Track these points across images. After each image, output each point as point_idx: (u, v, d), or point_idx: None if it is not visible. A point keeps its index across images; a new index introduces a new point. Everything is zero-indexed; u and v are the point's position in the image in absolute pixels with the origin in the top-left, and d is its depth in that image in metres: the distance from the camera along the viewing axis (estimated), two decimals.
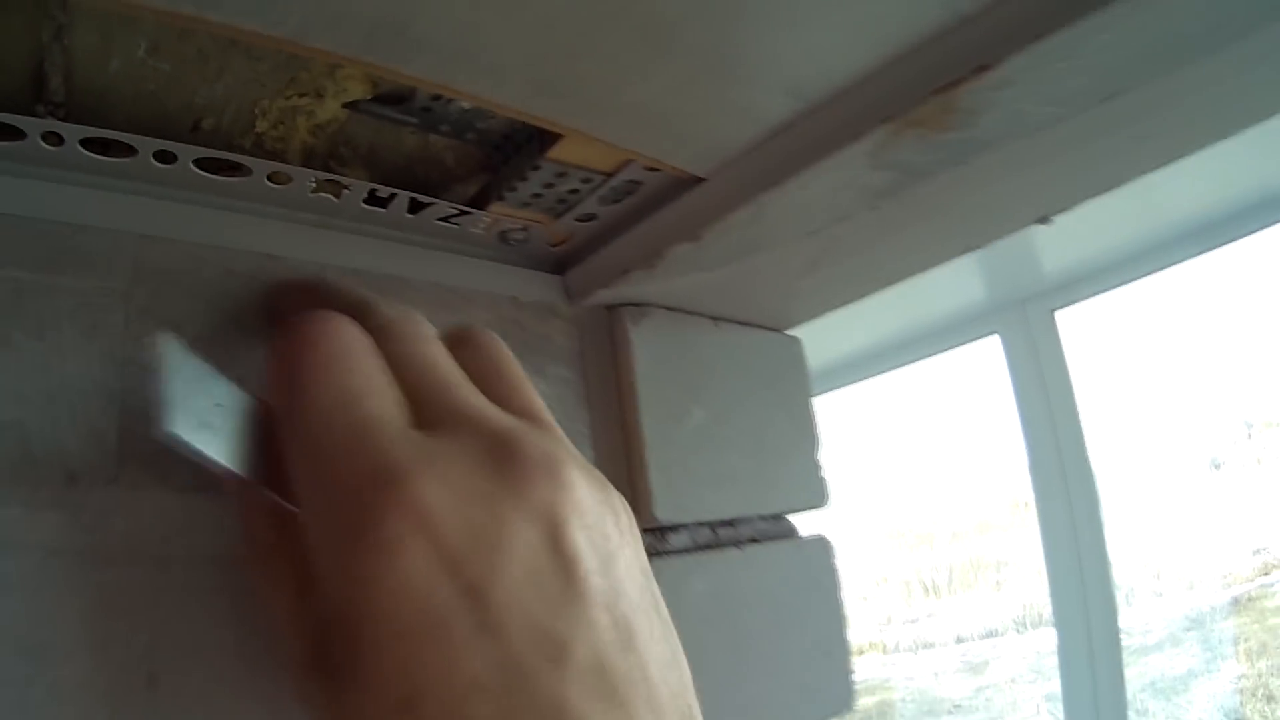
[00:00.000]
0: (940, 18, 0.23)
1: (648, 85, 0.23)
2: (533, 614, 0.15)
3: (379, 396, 0.17)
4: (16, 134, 0.24)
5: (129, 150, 0.26)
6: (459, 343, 0.21)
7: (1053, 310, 1.02)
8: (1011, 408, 1.03)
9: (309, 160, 0.29)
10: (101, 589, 0.22)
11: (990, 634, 1.47)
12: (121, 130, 0.25)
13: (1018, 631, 1.41)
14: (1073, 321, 1.00)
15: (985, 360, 1.06)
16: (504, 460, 0.17)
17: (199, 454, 0.18)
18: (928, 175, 0.28)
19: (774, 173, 0.27)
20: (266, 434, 0.19)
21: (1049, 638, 1.27)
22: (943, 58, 0.24)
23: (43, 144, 0.24)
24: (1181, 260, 0.90)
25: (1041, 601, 1.35)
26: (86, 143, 0.25)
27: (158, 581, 0.23)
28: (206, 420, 0.18)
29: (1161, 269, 0.93)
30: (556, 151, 0.26)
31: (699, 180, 0.28)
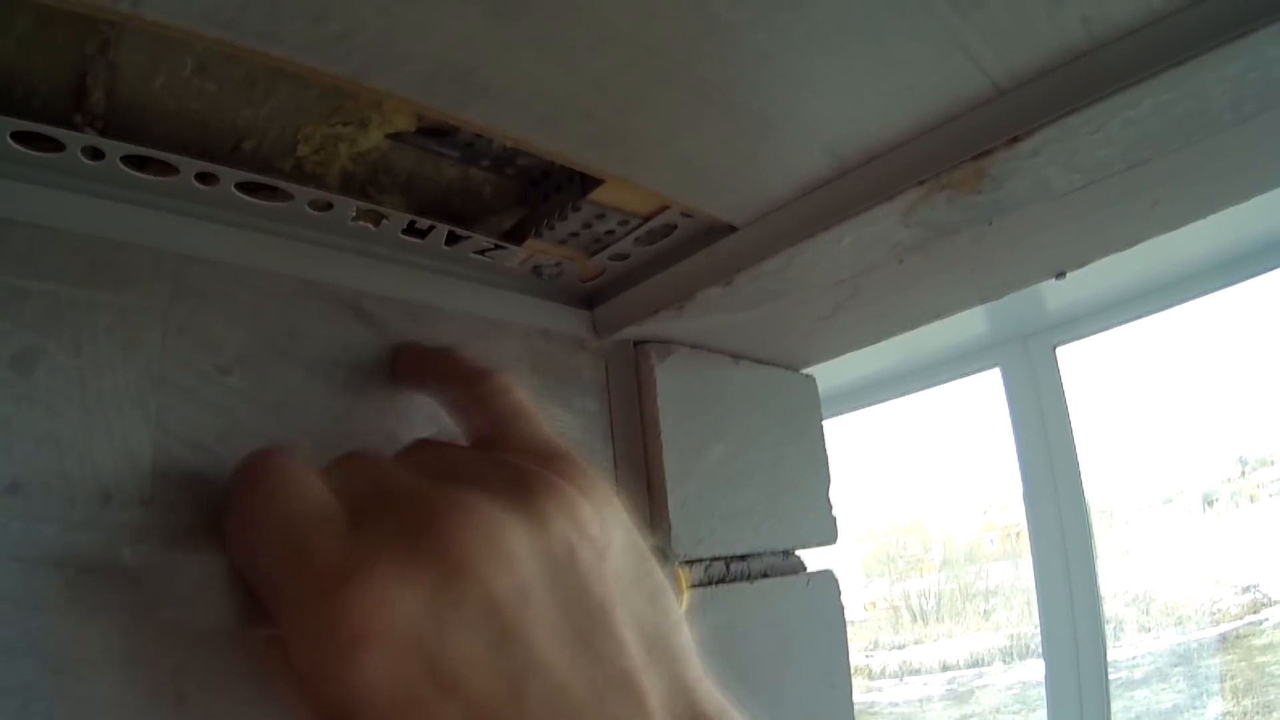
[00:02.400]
0: (977, 90, 0.24)
1: (694, 140, 0.24)
2: (481, 666, 0.17)
3: (313, 513, 0.19)
4: (56, 145, 0.24)
5: (170, 169, 0.26)
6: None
7: (1054, 346, 1.05)
8: (1008, 440, 1.06)
9: (346, 186, 0.30)
10: (133, 608, 0.23)
11: (976, 663, 1.49)
12: (160, 147, 0.26)
13: (1004, 662, 1.43)
14: (1073, 357, 1.03)
15: (984, 392, 1.08)
16: (420, 530, 0.18)
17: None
18: (954, 232, 0.30)
19: (808, 225, 0.28)
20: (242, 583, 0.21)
21: (1035, 669, 1.28)
22: (978, 127, 0.25)
23: (82, 158, 0.25)
24: (1183, 301, 0.93)
25: (1029, 632, 1.37)
26: (125, 159, 0.26)
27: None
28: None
29: (1163, 309, 0.95)
30: (598, 194, 0.27)
31: (733, 228, 0.29)
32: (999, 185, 0.27)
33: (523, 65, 0.21)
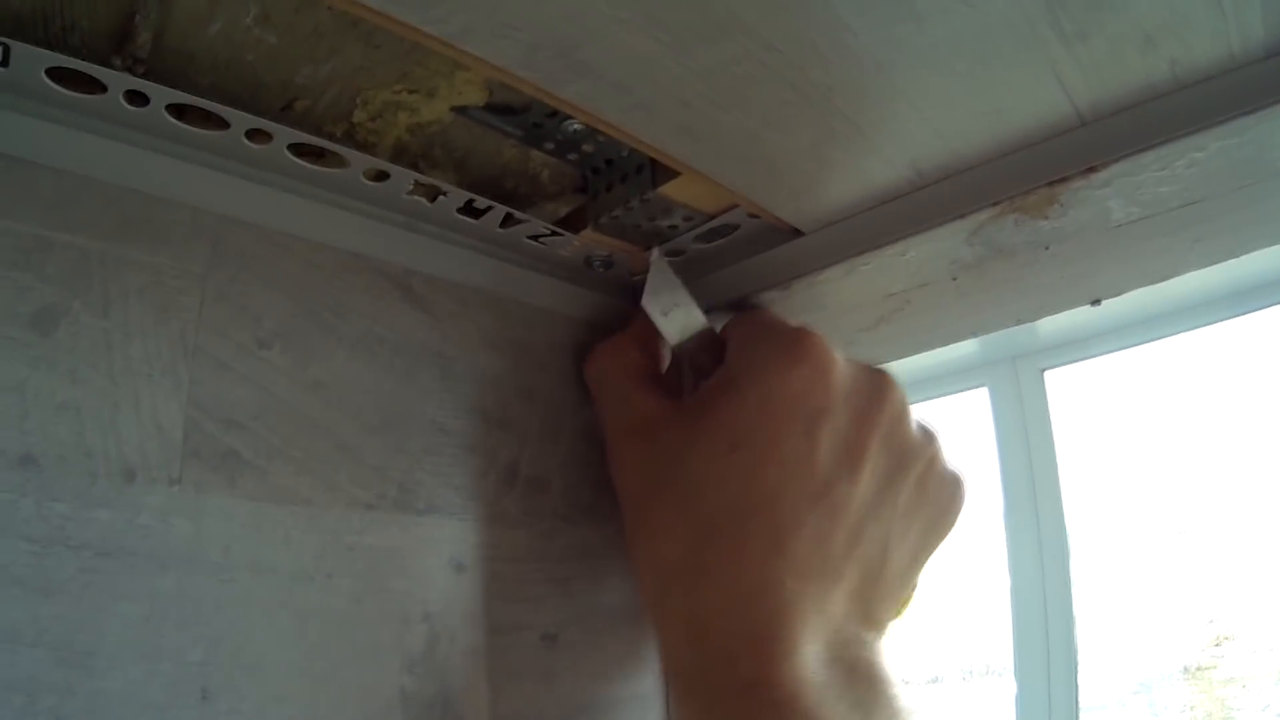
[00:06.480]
0: (1062, 118, 0.26)
1: (785, 141, 0.25)
2: (836, 447, 0.26)
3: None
4: (94, 87, 0.23)
5: (216, 123, 0.26)
6: None
7: (1042, 370, 1.10)
8: (989, 460, 1.10)
9: (398, 157, 0.29)
10: (155, 596, 0.22)
11: (934, 680, 1.54)
12: (204, 99, 0.25)
13: (963, 680, 1.48)
14: (1061, 382, 1.08)
15: (969, 412, 1.12)
16: (873, 373, 0.29)
17: (657, 322, 0.29)
18: (1011, 254, 0.31)
19: (876, 237, 0.29)
20: (706, 342, 0.30)
21: (994, 687, 1.34)
22: (1057, 154, 0.27)
23: (124, 103, 0.24)
24: (1174, 333, 0.99)
25: (989, 651, 1.43)
26: (167, 108, 0.25)
27: (217, 592, 0.23)
28: (667, 311, 0.29)
29: (1153, 340, 1.01)
30: (669, 188, 0.28)
31: (798, 233, 0.30)
32: (1065, 212, 0.29)
33: (632, 47, 0.21)
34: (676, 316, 0.29)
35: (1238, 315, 0.94)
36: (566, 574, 0.30)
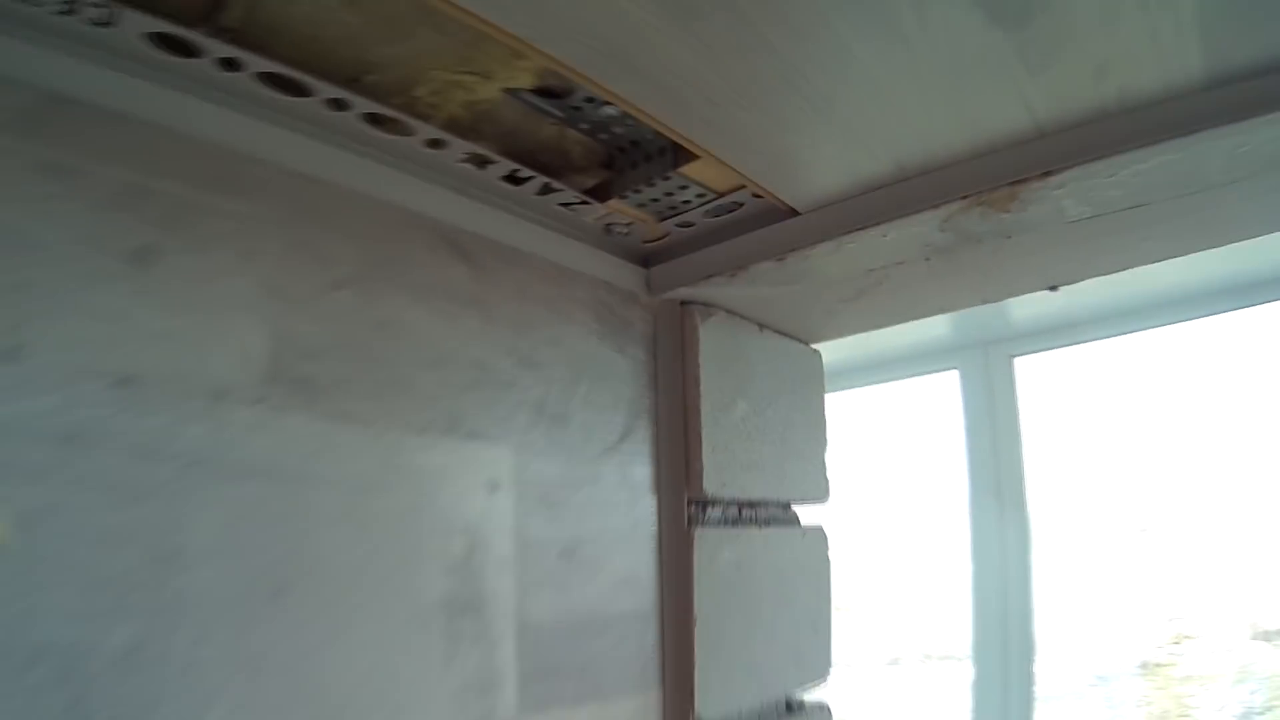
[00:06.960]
0: (1024, 130, 0.31)
1: (792, 137, 0.30)
2: None
3: None
4: (187, 52, 0.27)
5: (295, 90, 0.29)
6: None
7: (1012, 356, 1.16)
8: (955, 444, 1.16)
9: (451, 129, 0.33)
10: (237, 503, 0.26)
11: (894, 662, 1.60)
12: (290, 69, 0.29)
13: (922, 662, 1.55)
14: (1030, 369, 1.14)
15: (938, 394, 1.18)
16: None
17: None
18: (977, 242, 0.36)
19: (862, 219, 0.34)
20: None
21: (954, 671, 1.41)
22: (1019, 158, 0.32)
23: (215, 68, 0.28)
24: (1143, 329, 1.05)
25: (949, 635, 1.50)
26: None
27: (293, 500, 0.27)
28: None
29: (1122, 334, 1.07)
30: (688, 168, 0.32)
31: (795, 213, 0.35)
32: (1025, 208, 0.34)
33: (676, 56, 0.26)
34: None
35: (1206, 316, 1.00)
36: (582, 499, 0.35)
